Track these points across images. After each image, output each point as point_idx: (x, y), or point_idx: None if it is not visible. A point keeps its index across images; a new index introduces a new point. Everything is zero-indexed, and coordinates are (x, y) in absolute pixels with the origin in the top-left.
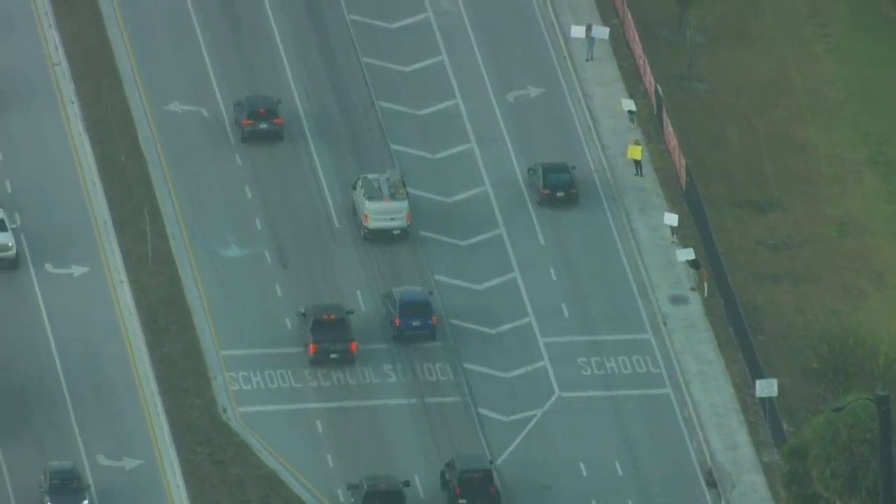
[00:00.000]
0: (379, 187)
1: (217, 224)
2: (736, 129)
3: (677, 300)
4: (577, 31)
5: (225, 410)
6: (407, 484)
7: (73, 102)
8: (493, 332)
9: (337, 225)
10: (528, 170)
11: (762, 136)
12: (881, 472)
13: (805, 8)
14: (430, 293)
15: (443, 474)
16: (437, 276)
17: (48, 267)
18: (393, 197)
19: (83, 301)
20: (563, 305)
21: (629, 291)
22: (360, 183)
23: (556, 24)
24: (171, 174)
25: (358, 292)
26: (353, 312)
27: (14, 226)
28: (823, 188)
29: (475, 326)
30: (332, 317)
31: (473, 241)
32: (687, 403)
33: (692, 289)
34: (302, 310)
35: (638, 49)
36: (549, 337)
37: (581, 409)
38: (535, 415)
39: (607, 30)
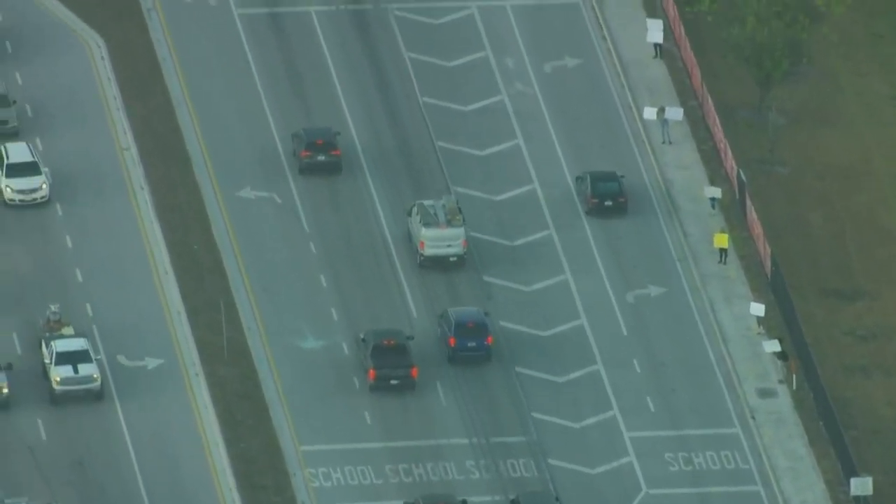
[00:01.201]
0: (435, 214)
1: (293, 314)
2: (819, 214)
3: (765, 393)
4: (650, 113)
5: None
6: (411, 337)
7: (143, 188)
8: (577, 426)
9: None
10: (577, 178)
11: (846, 222)
12: None
13: (887, 89)
14: (487, 314)
15: None
16: (517, 369)
17: (121, 359)
18: (449, 223)
19: (157, 394)
20: (648, 398)
21: (715, 384)
22: (415, 209)
23: (633, 106)
24: (245, 262)
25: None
26: (412, 338)
27: (98, 356)
28: None
29: (559, 420)
30: (392, 342)
31: (556, 330)
32: (778, 501)
33: (780, 381)
34: (361, 335)
35: (718, 132)
36: (634, 431)
37: None
38: None
39: (681, 111)
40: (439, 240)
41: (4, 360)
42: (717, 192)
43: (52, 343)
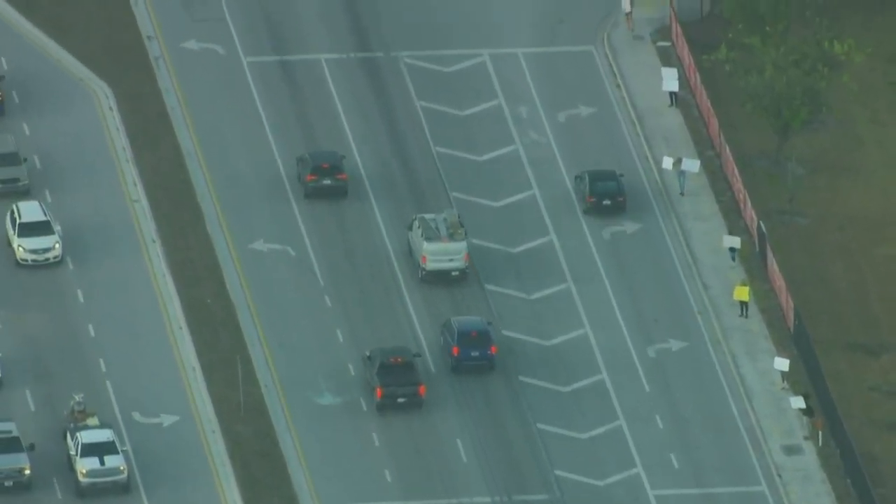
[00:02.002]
0: (437, 227)
1: (309, 369)
2: (841, 266)
3: (791, 450)
4: (667, 163)
5: None
6: (419, 355)
7: (154, 241)
8: (601, 483)
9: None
10: (576, 177)
11: (869, 274)
12: None
13: None
14: (490, 323)
15: None
16: (539, 425)
17: (136, 416)
18: (451, 237)
19: (174, 452)
20: (672, 455)
21: (740, 440)
22: (416, 223)
23: (649, 156)
24: (259, 316)
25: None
26: (420, 356)
27: (125, 448)
28: None
29: (582, 478)
30: (400, 360)
31: (577, 385)
32: None
33: (806, 438)
34: (367, 353)
35: (737, 182)
36: (659, 489)
37: None
38: None
39: (697, 162)
40: (442, 254)
41: (27, 439)
42: (736, 241)
43: (78, 434)
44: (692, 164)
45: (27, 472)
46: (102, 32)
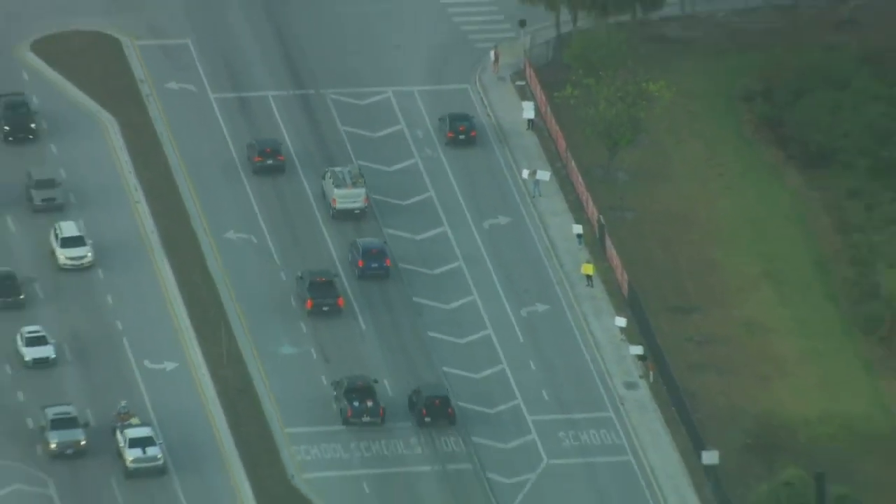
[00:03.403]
0: (343, 177)
1: (273, 328)
2: (659, 249)
3: (630, 386)
4: (525, 174)
5: (292, 477)
6: (376, 381)
7: (153, 233)
8: (492, 411)
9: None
10: (439, 119)
11: (680, 255)
12: None
13: (704, 154)
14: (385, 243)
15: None
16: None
17: (146, 363)
18: (354, 185)
19: (176, 389)
20: (543, 391)
21: (592, 379)
22: (328, 174)
23: (514, 167)
24: (234, 291)
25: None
26: (338, 276)
27: (160, 442)
28: (732, 297)
29: (478, 408)
30: (323, 279)
31: (471, 338)
32: (645, 468)
33: (640, 377)
34: (299, 273)
35: (580, 186)
36: (534, 416)
37: (564, 473)
38: (530, 478)
39: (549, 173)
40: (347, 197)
41: (83, 417)
42: (579, 228)
43: (125, 431)
44: (544, 175)
45: (83, 443)
46: (107, 77)
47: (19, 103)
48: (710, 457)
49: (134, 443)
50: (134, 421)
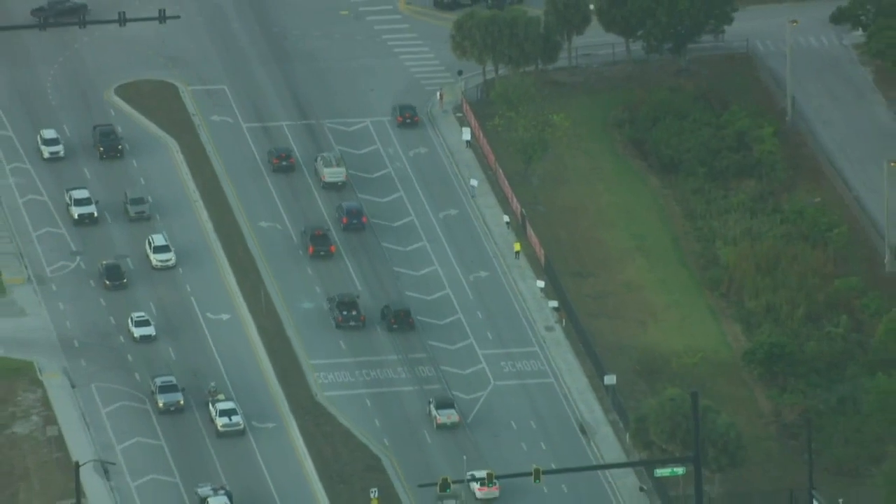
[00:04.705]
0: (330, 159)
1: (298, 292)
2: (565, 232)
3: (549, 329)
4: (474, 182)
5: (316, 395)
6: (358, 296)
7: (209, 222)
8: (442, 323)
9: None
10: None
11: (579, 236)
12: (694, 434)
13: (590, 164)
14: (361, 206)
15: None
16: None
17: (208, 314)
18: (338, 165)
19: (231, 336)
20: (488, 333)
21: (522, 324)
22: (319, 158)
23: (459, 174)
24: (267, 261)
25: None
26: (330, 230)
27: (241, 412)
28: (615, 265)
29: (431, 320)
30: (320, 232)
31: (434, 296)
32: (563, 387)
33: (556, 322)
34: (302, 229)
35: (506, 187)
36: (483, 350)
37: (507, 391)
38: (482, 395)
39: (477, 181)
40: (333, 174)
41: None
42: (506, 217)
43: (216, 405)
44: (475, 182)
45: (181, 403)
46: (169, 112)
47: (109, 131)
48: (609, 379)
49: (223, 413)
50: (220, 397)
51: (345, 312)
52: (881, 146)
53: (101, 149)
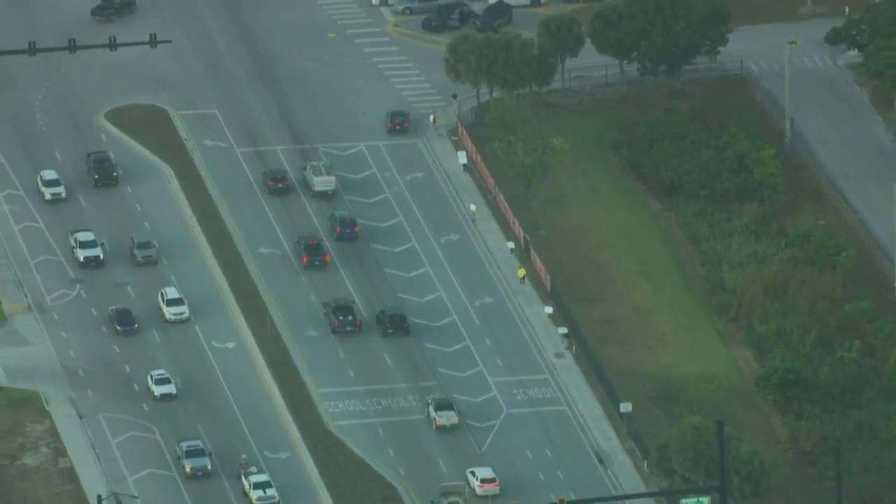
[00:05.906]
0: (320, 169)
1: (299, 317)
2: (568, 257)
3: (559, 356)
4: (473, 207)
5: (327, 424)
6: (354, 302)
7: (207, 248)
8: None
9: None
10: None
11: (582, 260)
12: (719, 463)
13: (588, 187)
14: (354, 216)
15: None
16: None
17: (214, 343)
18: (328, 174)
19: (236, 362)
20: (497, 360)
21: (531, 351)
22: (308, 168)
23: (457, 197)
24: (267, 283)
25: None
26: (323, 239)
27: (276, 485)
28: (621, 289)
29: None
30: (314, 242)
31: (441, 322)
32: (578, 414)
33: (566, 349)
34: (296, 239)
35: (507, 211)
36: (493, 378)
37: (521, 420)
38: (496, 423)
39: (475, 206)
40: (323, 183)
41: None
42: (511, 244)
43: (249, 478)
44: (472, 206)
45: (209, 468)
46: (161, 137)
47: (103, 158)
48: (626, 407)
49: (257, 486)
50: (252, 469)
51: (341, 317)
52: (881, 166)
53: (97, 176)
